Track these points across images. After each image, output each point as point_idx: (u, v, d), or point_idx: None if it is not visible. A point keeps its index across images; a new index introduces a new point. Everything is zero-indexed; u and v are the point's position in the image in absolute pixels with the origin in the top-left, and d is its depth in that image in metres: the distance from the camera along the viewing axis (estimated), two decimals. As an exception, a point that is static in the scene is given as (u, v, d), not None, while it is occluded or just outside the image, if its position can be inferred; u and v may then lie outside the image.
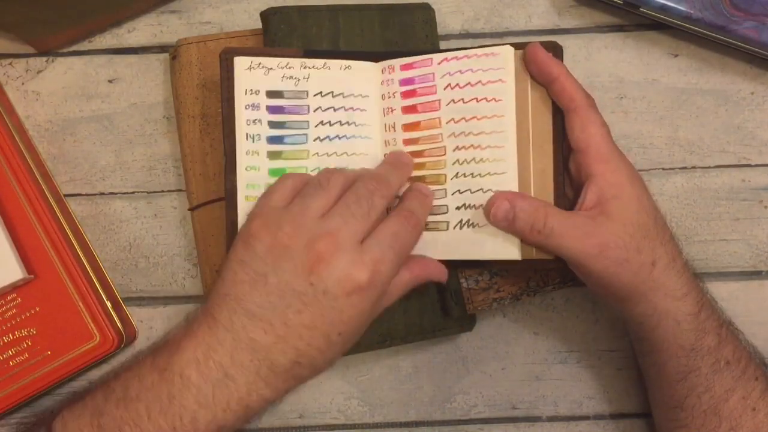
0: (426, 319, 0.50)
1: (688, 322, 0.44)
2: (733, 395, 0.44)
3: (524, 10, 0.57)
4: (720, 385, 0.44)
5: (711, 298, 0.47)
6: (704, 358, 0.44)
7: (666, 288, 0.44)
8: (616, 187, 0.43)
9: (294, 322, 0.39)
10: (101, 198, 0.55)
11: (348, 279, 0.39)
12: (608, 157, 0.44)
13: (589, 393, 0.54)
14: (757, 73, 0.56)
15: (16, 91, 0.56)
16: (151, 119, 0.56)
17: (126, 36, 0.56)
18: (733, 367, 0.45)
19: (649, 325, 0.45)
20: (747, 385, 0.45)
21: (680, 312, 0.44)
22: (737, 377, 0.45)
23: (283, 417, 0.54)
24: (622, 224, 0.43)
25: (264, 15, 0.51)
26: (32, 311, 0.49)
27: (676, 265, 0.44)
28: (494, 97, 0.46)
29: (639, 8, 0.54)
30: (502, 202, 0.44)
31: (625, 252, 0.43)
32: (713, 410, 0.44)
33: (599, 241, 0.42)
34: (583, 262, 0.43)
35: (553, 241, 0.43)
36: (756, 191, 0.55)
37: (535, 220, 0.43)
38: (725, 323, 0.46)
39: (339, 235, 0.40)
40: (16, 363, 0.49)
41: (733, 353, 0.45)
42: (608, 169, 0.44)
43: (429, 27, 0.53)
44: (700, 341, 0.44)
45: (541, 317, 0.55)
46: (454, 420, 0.54)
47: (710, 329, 0.45)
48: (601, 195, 0.43)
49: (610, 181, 0.44)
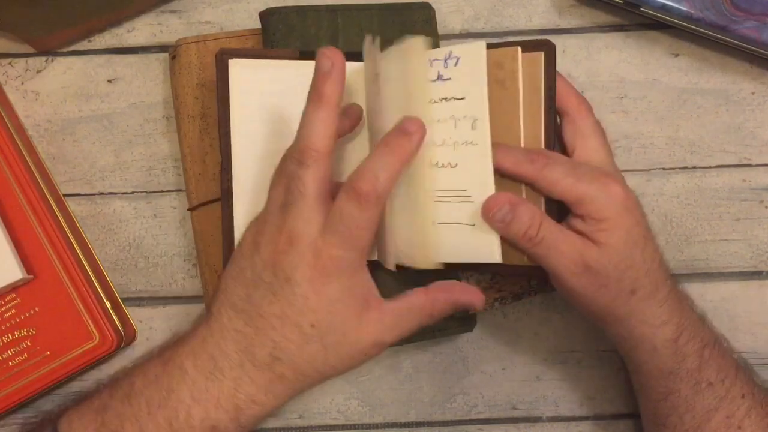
0: (426, 320, 0.50)
1: (666, 347, 0.44)
2: (716, 415, 0.44)
3: (524, 9, 0.57)
4: (701, 405, 0.44)
5: (697, 318, 0.46)
6: (684, 380, 0.44)
7: (643, 315, 0.44)
8: (606, 221, 0.43)
9: (267, 312, 0.40)
10: (101, 198, 0.55)
11: (304, 265, 0.40)
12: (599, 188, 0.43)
13: (590, 393, 0.54)
14: (757, 73, 0.56)
15: (15, 90, 0.55)
16: (150, 119, 0.55)
17: (126, 36, 0.56)
18: (717, 388, 0.45)
19: (626, 347, 0.46)
20: (731, 405, 0.45)
21: (657, 338, 0.44)
22: (721, 397, 0.44)
23: (283, 417, 0.54)
24: (607, 253, 0.43)
25: (263, 15, 0.51)
26: (31, 311, 0.49)
27: (657, 295, 0.44)
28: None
29: (639, 8, 0.54)
30: (504, 204, 0.43)
31: (605, 279, 0.43)
32: (695, 430, 0.45)
33: (582, 262, 0.42)
34: (564, 277, 0.43)
35: (541, 250, 0.43)
36: (756, 191, 0.55)
37: (530, 227, 0.43)
38: (710, 343, 0.46)
39: (297, 225, 0.40)
40: (15, 363, 0.49)
41: (717, 373, 0.45)
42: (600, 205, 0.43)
43: (429, 26, 0.53)
44: (679, 365, 0.44)
45: (541, 317, 0.54)
46: (455, 420, 0.54)
47: (690, 352, 0.45)
48: (590, 228, 0.43)
49: (601, 217, 0.43)
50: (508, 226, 0.43)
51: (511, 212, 0.43)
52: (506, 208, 0.43)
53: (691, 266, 0.55)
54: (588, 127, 0.46)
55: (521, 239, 0.43)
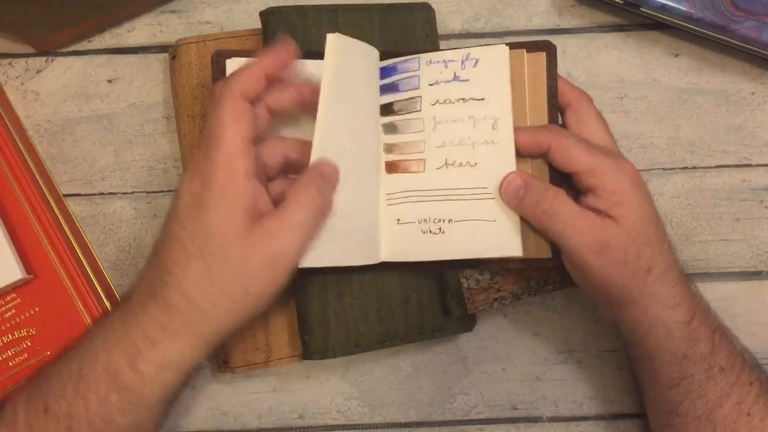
0: (426, 319, 0.50)
1: (680, 329, 0.44)
2: (728, 401, 0.44)
3: (524, 9, 0.57)
4: (714, 390, 0.44)
5: (705, 305, 0.47)
6: (697, 364, 0.44)
7: (658, 296, 0.44)
8: (619, 194, 0.43)
9: (165, 236, 0.41)
10: (101, 198, 0.55)
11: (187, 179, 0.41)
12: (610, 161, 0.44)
13: (590, 393, 0.54)
14: (757, 73, 0.56)
15: (15, 90, 0.55)
16: (150, 119, 0.55)
17: (125, 36, 0.56)
18: (728, 373, 0.45)
19: (639, 332, 0.45)
20: (741, 391, 0.45)
21: (671, 320, 0.44)
22: (732, 383, 0.44)
23: (283, 417, 0.54)
24: (626, 228, 0.43)
25: (263, 15, 0.51)
26: (31, 311, 0.49)
27: (670, 275, 0.44)
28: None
29: (639, 8, 0.54)
30: (515, 178, 0.44)
31: (624, 255, 0.43)
32: (708, 416, 0.44)
33: (602, 239, 0.42)
34: (582, 256, 0.43)
35: (556, 225, 0.43)
36: (756, 191, 0.55)
37: (542, 198, 0.43)
38: (719, 329, 0.46)
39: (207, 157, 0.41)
40: (15, 363, 0.48)
41: (727, 359, 0.45)
42: (612, 177, 0.43)
43: (429, 27, 0.53)
44: (693, 348, 0.44)
45: (541, 317, 0.54)
46: (455, 420, 0.54)
47: (703, 336, 0.45)
48: (605, 202, 0.43)
49: (614, 189, 0.43)
50: (521, 200, 0.44)
51: (523, 186, 0.44)
52: (518, 182, 0.44)
53: (691, 266, 0.55)
54: (591, 115, 0.46)
55: (534, 212, 0.43)
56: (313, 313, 0.48)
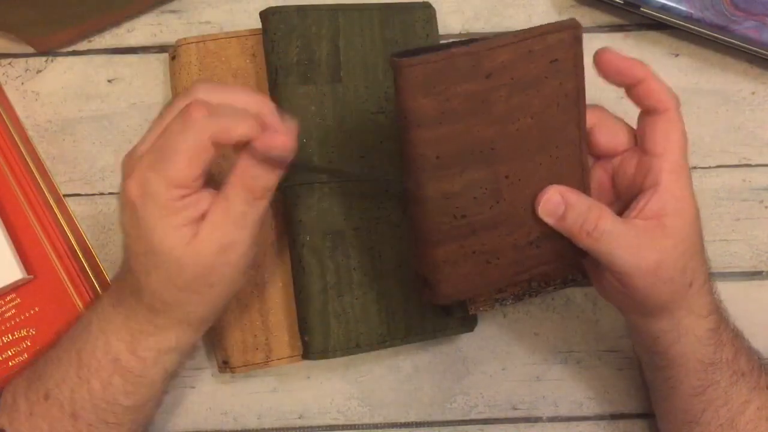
0: (426, 319, 0.50)
1: (710, 338, 0.43)
2: (750, 406, 0.43)
3: (524, 9, 0.57)
4: (737, 397, 0.43)
5: (724, 307, 0.46)
6: (723, 371, 0.43)
7: (694, 307, 0.42)
8: (680, 201, 0.40)
9: None
10: (101, 198, 0.55)
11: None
12: (680, 169, 0.41)
13: (590, 393, 0.54)
14: (757, 73, 0.56)
15: (15, 90, 0.55)
16: (150, 119, 0.55)
17: (125, 36, 0.56)
18: (748, 378, 0.44)
19: (667, 340, 0.43)
20: (761, 395, 0.44)
21: (701, 329, 0.43)
22: (752, 388, 0.44)
23: (283, 417, 0.54)
24: (676, 242, 0.40)
25: (263, 15, 0.51)
26: (31, 311, 0.49)
27: (707, 286, 0.43)
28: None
29: (639, 8, 0.54)
30: (553, 195, 0.40)
31: (673, 271, 0.40)
32: (730, 423, 0.43)
33: (657, 258, 0.39)
34: (634, 275, 0.39)
35: (603, 246, 0.39)
36: (756, 191, 0.55)
37: (586, 220, 0.39)
38: (737, 333, 0.45)
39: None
40: (15, 363, 0.48)
41: (747, 363, 0.44)
42: (677, 182, 0.40)
43: (429, 26, 0.53)
44: (719, 354, 0.43)
45: (541, 317, 0.54)
46: (455, 420, 0.54)
47: (726, 342, 0.44)
48: (664, 207, 0.40)
49: (676, 195, 0.40)
50: (561, 220, 0.40)
51: (562, 204, 0.40)
52: (556, 199, 0.40)
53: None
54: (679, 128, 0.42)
55: (578, 235, 0.39)
56: (313, 313, 0.48)
